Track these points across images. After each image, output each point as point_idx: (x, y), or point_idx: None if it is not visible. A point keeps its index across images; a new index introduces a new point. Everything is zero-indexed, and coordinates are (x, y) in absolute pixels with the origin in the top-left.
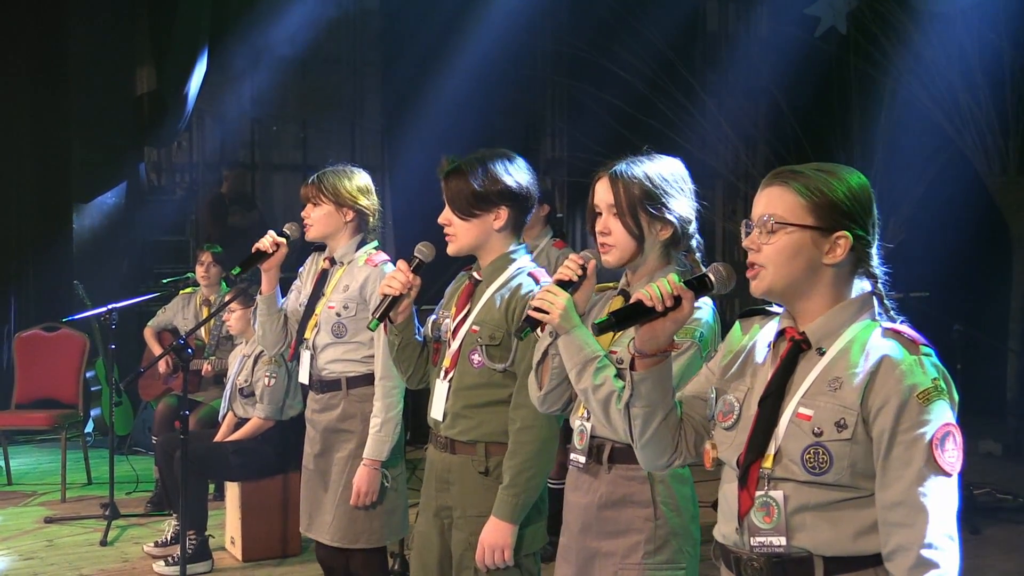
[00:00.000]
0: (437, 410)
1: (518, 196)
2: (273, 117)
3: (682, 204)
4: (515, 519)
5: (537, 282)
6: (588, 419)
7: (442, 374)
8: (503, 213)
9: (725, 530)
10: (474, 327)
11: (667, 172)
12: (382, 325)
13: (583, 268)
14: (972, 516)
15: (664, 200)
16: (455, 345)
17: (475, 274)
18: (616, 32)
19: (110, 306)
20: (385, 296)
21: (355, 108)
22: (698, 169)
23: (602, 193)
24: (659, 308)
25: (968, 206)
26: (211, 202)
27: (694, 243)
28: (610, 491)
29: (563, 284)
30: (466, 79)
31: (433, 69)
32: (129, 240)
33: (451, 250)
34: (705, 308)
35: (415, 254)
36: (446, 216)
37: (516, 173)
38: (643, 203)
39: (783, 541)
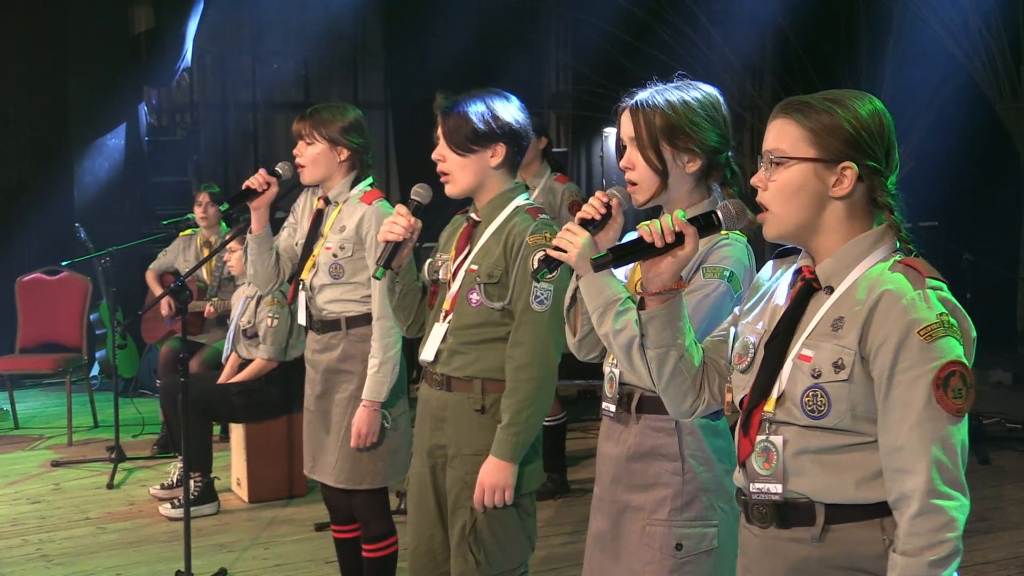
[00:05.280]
0: (430, 350)
1: (516, 133)
2: (273, 54)
3: (711, 133)
4: (515, 458)
5: (535, 219)
6: (617, 366)
7: (441, 316)
8: (500, 150)
9: (737, 474)
10: (472, 266)
11: (693, 99)
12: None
13: (607, 206)
14: (982, 446)
15: (688, 130)
16: (455, 287)
17: (473, 215)
18: None
19: (109, 250)
20: (387, 243)
21: (356, 44)
22: None
23: (625, 126)
24: (659, 244)
25: (978, 133)
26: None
27: (729, 174)
28: (639, 442)
29: (585, 223)
30: (469, 13)
31: (435, 2)
32: (131, 181)
33: (450, 191)
34: (737, 245)
35: (412, 196)
36: (440, 152)
37: (514, 111)
38: (665, 134)
39: (779, 488)
